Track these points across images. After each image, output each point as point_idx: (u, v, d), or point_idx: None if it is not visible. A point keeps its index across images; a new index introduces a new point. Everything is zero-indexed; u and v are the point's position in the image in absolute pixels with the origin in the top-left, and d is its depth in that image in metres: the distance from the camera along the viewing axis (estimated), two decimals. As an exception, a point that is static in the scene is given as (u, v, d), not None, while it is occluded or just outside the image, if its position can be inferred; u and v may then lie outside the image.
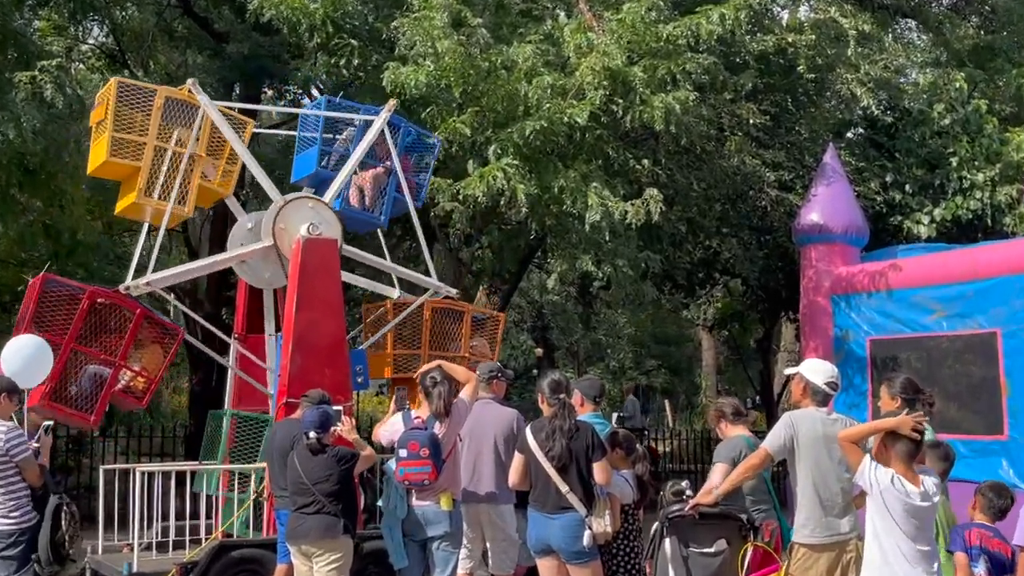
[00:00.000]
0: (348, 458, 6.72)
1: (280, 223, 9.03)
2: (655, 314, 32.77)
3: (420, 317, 10.15)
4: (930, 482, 5.26)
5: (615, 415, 7.71)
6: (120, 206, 9.32)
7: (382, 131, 9.75)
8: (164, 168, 8.79)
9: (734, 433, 6.56)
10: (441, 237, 15.80)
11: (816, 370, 6.06)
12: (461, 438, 7.11)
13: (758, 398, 27.52)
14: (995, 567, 5.87)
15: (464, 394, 7.06)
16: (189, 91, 9.04)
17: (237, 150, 9.14)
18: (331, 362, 8.68)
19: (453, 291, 10.12)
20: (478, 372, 7.74)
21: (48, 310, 8.35)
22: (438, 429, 6.84)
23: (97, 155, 8.96)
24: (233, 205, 10.04)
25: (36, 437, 6.89)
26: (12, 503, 6.50)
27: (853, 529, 5.83)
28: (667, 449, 21.18)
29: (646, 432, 21.41)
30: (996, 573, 5.90)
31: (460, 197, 11.11)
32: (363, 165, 9.74)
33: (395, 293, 10.27)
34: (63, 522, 6.61)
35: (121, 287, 8.55)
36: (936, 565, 5.27)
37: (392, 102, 9.96)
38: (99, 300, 8.50)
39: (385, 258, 10.31)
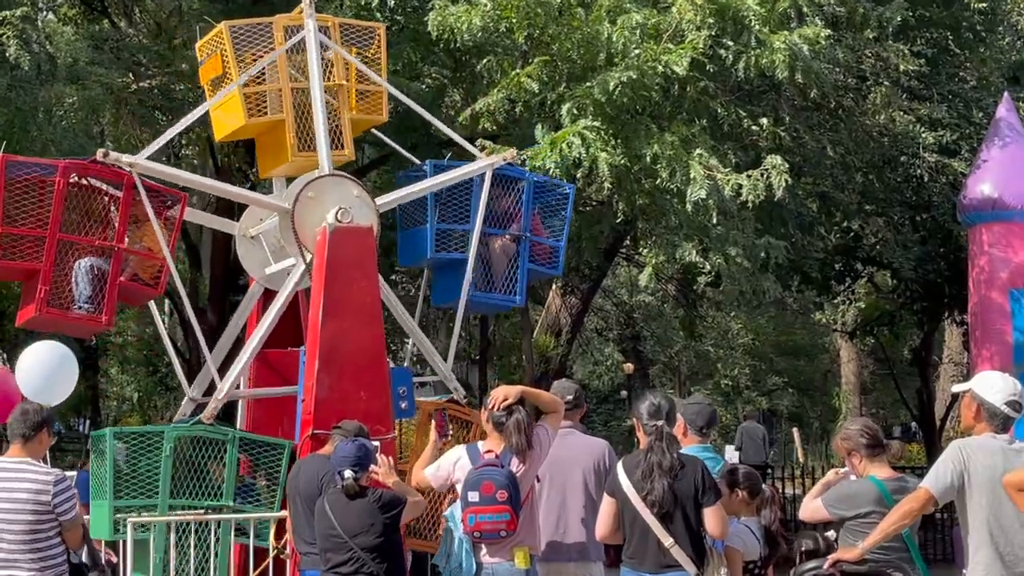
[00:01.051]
0: (393, 504, 6.77)
1: (310, 192, 9.15)
2: (779, 318, 32.58)
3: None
4: None
5: (729, 449, 7.65)
6: (264, 171, 10.03)
7: (503, 187, 10.02)
8: (317, 113, 9.19)
9: (870, 472, 6.44)
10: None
11: (992, 386, 5.96)
12: (540, 479, 7.10)
13: (915, 425, 27.16)
14: None
15: (548, 423, 7.06)
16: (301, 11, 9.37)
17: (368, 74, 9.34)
18: (368, 383, 8.75)
19: (510, 154, 10.10)
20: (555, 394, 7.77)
21: (16, 199, 8.51)
22: (515, 466, 6.82)
23: (229, 119, 9.37)
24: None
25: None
26: (49, 570, 6.66)
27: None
28: (797, 491, 20.96)
29: (770, 469, 21.26)
30: None
31: (528, 170, 11.16)
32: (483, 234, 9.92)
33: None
34: None
35: (99, 153, 8.69)
36: None
37: (511, 152, 10.09)
38: (76, 177, 8.64)
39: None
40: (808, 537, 6.48)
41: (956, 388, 6.40)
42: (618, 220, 12.70)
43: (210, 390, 9.41)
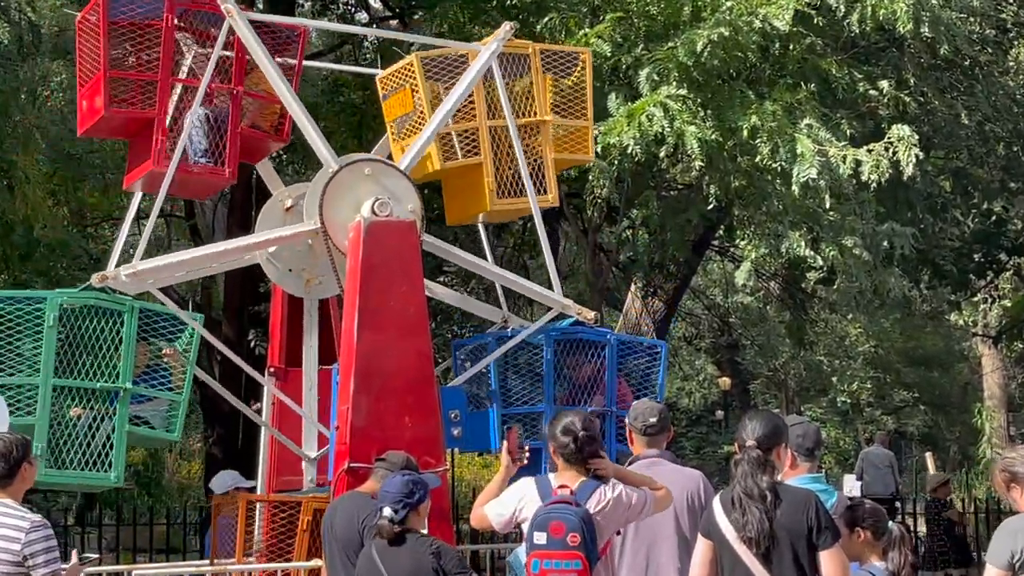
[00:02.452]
0: (450, 556, 6.76)
1: (332, 196, 9.23)
2: (906, 321, 32.27)
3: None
4: None
5: (849, 479, 7.61)
6: (453, 218, 10.44)
7: (581, 353, 10.03)
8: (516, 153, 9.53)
9: None
10: (570, 213, 15.89)
11: None
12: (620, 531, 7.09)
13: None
14: None
15: (648, 503, 7.00)
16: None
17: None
18: (413, 406, 8.79)
19: (590, 314, 10.12)
20: (630, 417, 7.76)
21: (122, 42, 8.99)
22: (595, 504, 6.78)
23: (420, 161, 9.67)
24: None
25: None
26: None
27: None
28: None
29: (899, 503, 21.06)
30: None
31: (599, 149, 11.16)
32: None
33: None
34: None
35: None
36: None
37: (590, 314, 10.15)
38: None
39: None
40: None
41: None
42: (709, 207, 12.68)
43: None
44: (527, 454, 7.27)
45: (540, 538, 6.63)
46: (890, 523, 6.99)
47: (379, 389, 8.77)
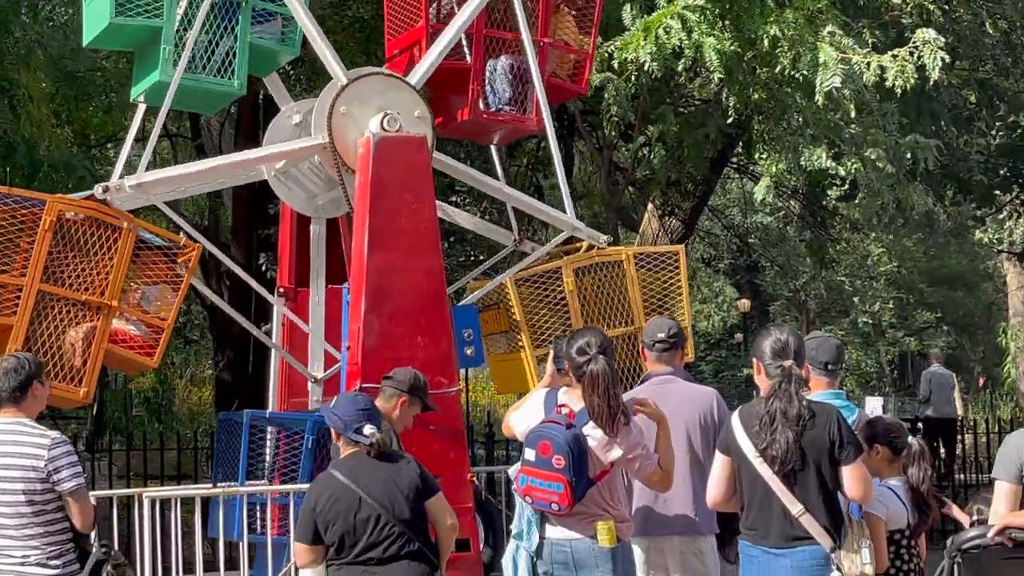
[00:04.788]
0: (430, 477, 6.70)
1: (342, 108, 9.19)
2: (930, 239, 32.24)
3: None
4: None
5: (872, 400, 7.60)
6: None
7: None
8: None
9: None
10: (584, 131, 15.84)
11: None
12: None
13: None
14: None
15: (644, 466, 6.93)
16: None
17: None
18: (425, 326, 8.81)
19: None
20: (644, 336, 7.75)
21: None
22: (598, 443, 6.74)
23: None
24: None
25: None
26: (53, 547, 6.78)
27: None
28: (959, 450, 20.88)
29: (962, 424, 21.07)
30: None
31: (614, 64, 11.10)
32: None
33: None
34: None
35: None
36: None
37: None
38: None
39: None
40: (983, 502, 6.42)
41: None
42: (728, 121, 12.61)
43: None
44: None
45: (530, 455, 6.63)
46: (910, 438, 7.02)
47: (391, 309, 8.80)
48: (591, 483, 6.62)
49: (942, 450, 20.36)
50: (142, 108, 9.89)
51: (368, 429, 6.42)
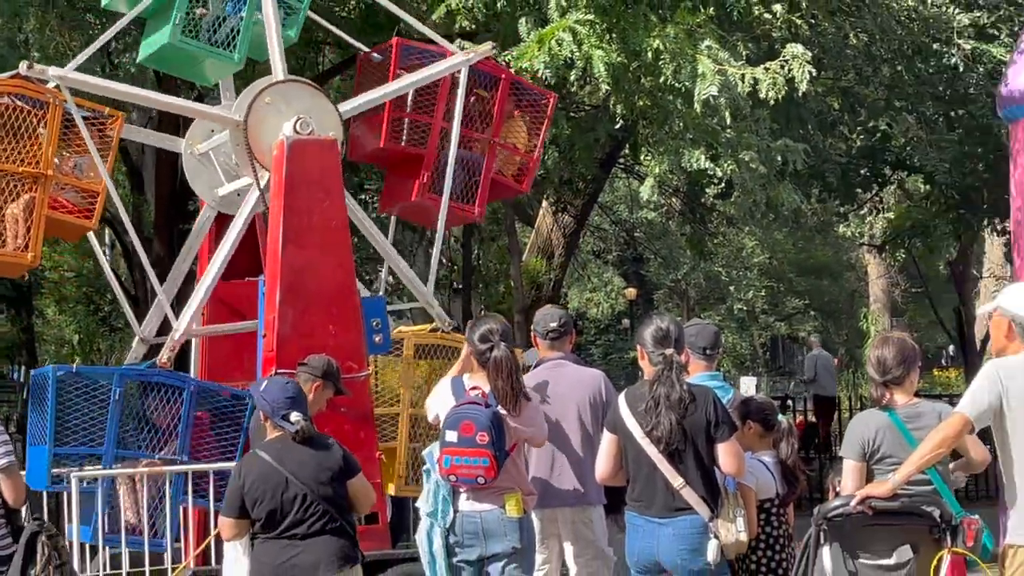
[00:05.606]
0: (353, 459, 6.74)
1: (267, 98, 9.10)
2: (798, 233, 32.65)
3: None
4: None
5: (747, 380, 7.69)
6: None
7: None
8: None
9: (902, 402, 6.39)
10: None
11: (1023, 300, 6.00)
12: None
13: (952, 348, 27.30)
14: None
15: (535, 435, 7.08)
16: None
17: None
18: (336, 315, 8.78)
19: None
20: (534, 323, 7.84)
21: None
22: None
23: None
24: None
25: None
26: None
27: (1098, 525, 5.82)
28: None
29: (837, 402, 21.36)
30: None
31: (513, 71, 11.09)
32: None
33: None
34: (39, 557, 6.78)
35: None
36: None
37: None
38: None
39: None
40: (840, 473, 6.52)
41: (982, 309, 6.44)
42: (616, 126, 12.67)
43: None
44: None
45: (451, 436, 6.70)
46: (779, 416, 7.13)
47: (304, 301, 8.75)
48: (507, 455, 6.75)
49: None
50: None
51: (295, 416, 6.44)
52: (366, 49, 10.64)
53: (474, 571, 6.98)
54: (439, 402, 7.06)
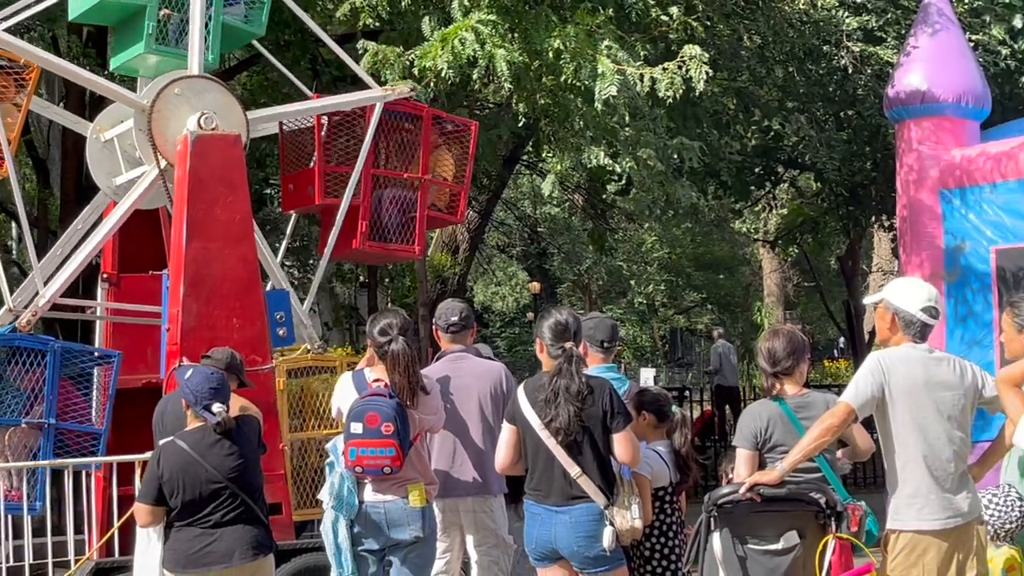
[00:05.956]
0: (257, 424, 6.78)
1: (176, 89, 8.97)
2: (696, 229, 32.94)
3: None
4: None
5: (647, 372, 7.73)
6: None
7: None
8: None
9: (792, 392, 6.47)
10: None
11: (906, 293, 6.07)
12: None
13: (842, 341, 27.72)
14: None
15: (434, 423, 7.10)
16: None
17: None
18: (240, 309, 8.69)
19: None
20: (436, 317, 7.85)
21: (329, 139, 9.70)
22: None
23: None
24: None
25: None
26: None
27: (974, 509, 5.92)
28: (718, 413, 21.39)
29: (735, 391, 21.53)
30: None
31: (415, 71, 11.05)
32: None
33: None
34: None
35: None
36: None
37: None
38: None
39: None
40: (733, 461, 6.58)
41: (868, 299, 6.50)
42: (519, 124, 12.67)
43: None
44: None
45: (356, 428, 6.68)
46: (674, 407, 7.17)
47: (207, 294, 8.66)
48: (411, 444, 6.76)
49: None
50: None
51: (216, 407, 6.46)
52: (265, 52, 10.61)
53: (377, 560, 6.99)
54: (341, 396, 7.04)
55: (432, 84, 11.12)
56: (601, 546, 6.33)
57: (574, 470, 6.34)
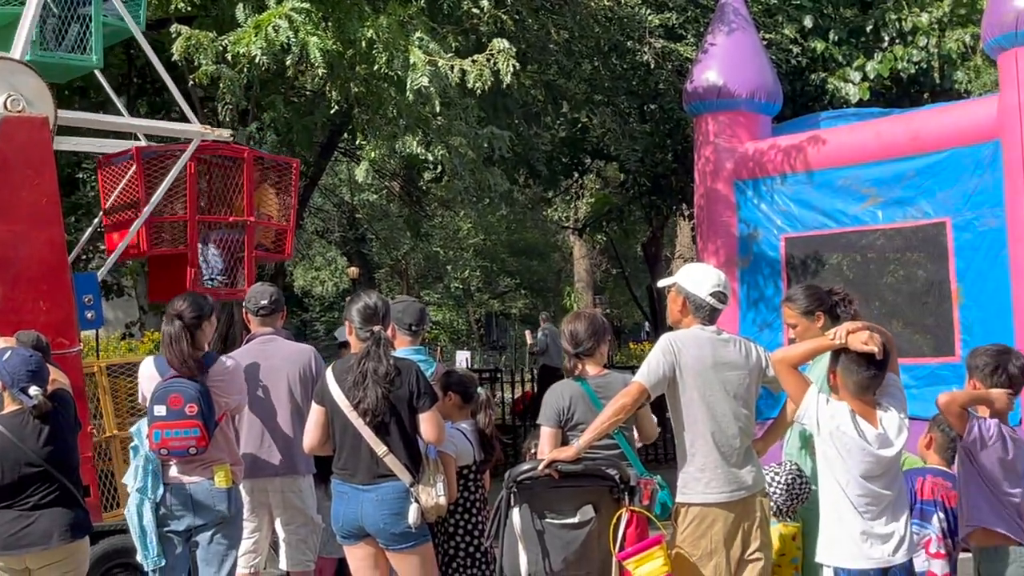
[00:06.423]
0: (71, 399, 6.60)
1: None
2: (510, 216, 33.16)
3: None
4: (893, 421, 5.54)
5: (462, 355, 7.74)
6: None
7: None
8: None
9: (593, 372, 6.59)
10: (205, 116, 15.36)
11: (696, 279, 6.21)
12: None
13: (648, 325, 28.25)
14: (953, 524, 6.24)
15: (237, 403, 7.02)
16: None
17: None
18: (47, 292, 8.40)
19: (225, 132, 10.04)
20: (246, 300, 7.79)
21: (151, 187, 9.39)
22: (214, 375, 6.75)
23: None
24: None
25: None
26: None
27: (758, 483, 6.08)
28: (528, 393, 21.56)
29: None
30: (952, 531, 6.29)
31: (229, 57, 10.84)
32: None
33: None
34: None
35: None
36: (905, 516, 5.62)
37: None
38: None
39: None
40: (537, 438, 6.65)
41: (661, 283, 6.62)
42: (333, 111, 12.56)
43: None
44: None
45: (160, 410, 6.60)
46: (479, 389, 7.21)
47: (14, 276, 8.33)
48: (216, 425, 6.70)
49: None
50: None
51: (33, 390, 6.28)
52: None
53: (183, 540, 6.90)
54: (144, 380, 6.92)
55: (246, 69, 10.95)
56: (406, 523, 6.32)
57: (381, 449, 6.32)
